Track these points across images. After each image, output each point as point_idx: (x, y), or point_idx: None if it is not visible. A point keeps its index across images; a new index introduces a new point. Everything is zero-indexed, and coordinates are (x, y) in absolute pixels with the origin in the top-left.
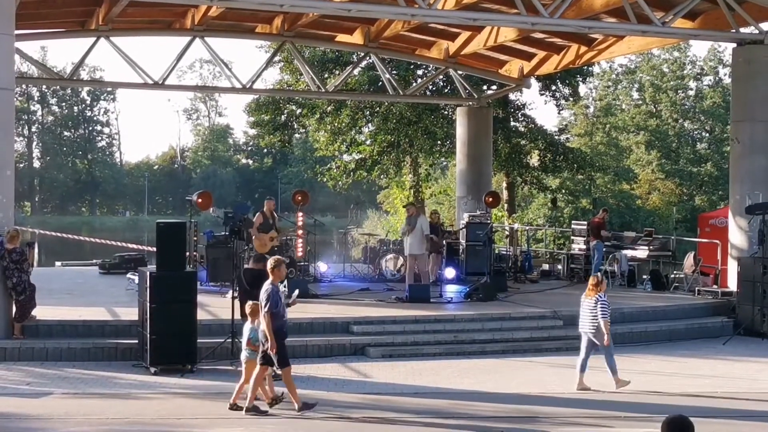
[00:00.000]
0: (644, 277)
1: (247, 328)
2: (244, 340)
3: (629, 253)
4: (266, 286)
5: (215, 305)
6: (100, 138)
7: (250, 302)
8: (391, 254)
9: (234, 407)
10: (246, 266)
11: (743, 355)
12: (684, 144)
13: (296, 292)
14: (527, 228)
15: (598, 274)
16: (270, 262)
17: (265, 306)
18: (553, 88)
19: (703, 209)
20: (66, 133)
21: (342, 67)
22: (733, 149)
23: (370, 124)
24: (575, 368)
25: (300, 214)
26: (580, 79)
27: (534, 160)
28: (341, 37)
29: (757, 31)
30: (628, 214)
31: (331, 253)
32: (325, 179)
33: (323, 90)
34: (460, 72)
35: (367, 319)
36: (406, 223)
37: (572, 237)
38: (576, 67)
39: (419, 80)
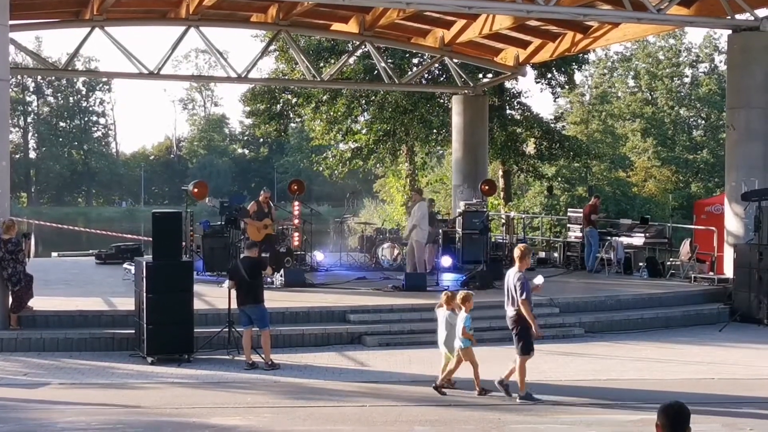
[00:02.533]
0: (640, 264)
1: (462, 317)
2: (458, 329)
3: (625, 240)
4: (516, 274)
5: (212, 295)
6: (95, 128)
7: (462, 291)
8: (388, 243)
9: (442, 389)
10: (243, 255)
11: (740, 342)
12: (680, 131)
13: (539, 278)
14: (523, 216)
15: None
16: (517, 251)
17: (522, 294)
18: (549, 76)
19: (699, 196)
20: (62, 124)
21: (337, 56)
22: (728, 136)
23: (365, 113)
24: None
25: (296, 203)
26: (576, 66)
27: (530, 148)
28: (336, 26)
29: (752, 18)
30: (624, 202)
31: (327, 242)
32: (321, 168)
33: (319, 79)
34: (455, 60)
35: (363, 308)
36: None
37: (568, 225)
38: (571, 54)
39: (415, 69)
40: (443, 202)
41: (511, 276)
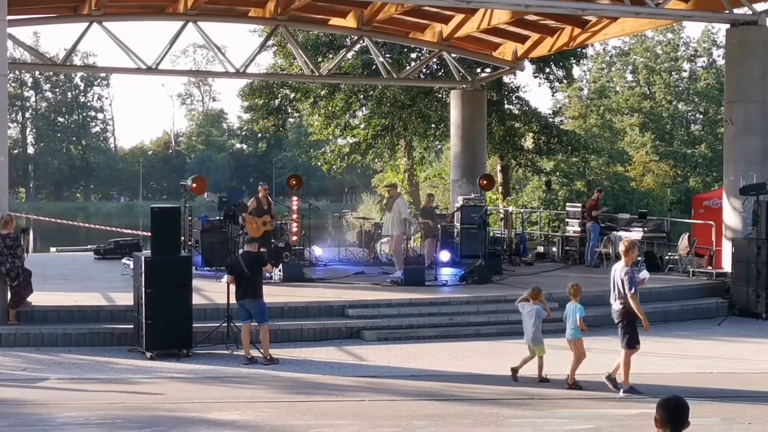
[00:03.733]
0: (639, 258)
1: (576, 308)
2: (569, 320)
3: (624, 234)
4: (624, 268)
5: (210, 290)
6: (94, 124)
7: (573, 284)
8: (386, 238)
9: (574, 386)
10: (243, 250)
11: (738, 336)
12: (678, 126)
13: (645, 272)
14: (522, 210)
15: None
16: (623, 246)
17: (630, 289)
18: (547, 70)
19: (698, 190)
20: (60, 119)
21: (335, 50)
22: (726, 130)
23: (364, 108)
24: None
25: (294, 198)
26: (574, 61)
27: (528, 142)
28: (334, 21)
29: (750, 12)
30: (623, 196)
31: (325, 237)
32: (319, 163)
33: (317, 74)
34: (453, 55)
35: (362, 303)
36: (385, 203)
37: (567, 219)
38: (570, 49)
39: (413, 63)
40: (441, 196)
41: (618, 270)
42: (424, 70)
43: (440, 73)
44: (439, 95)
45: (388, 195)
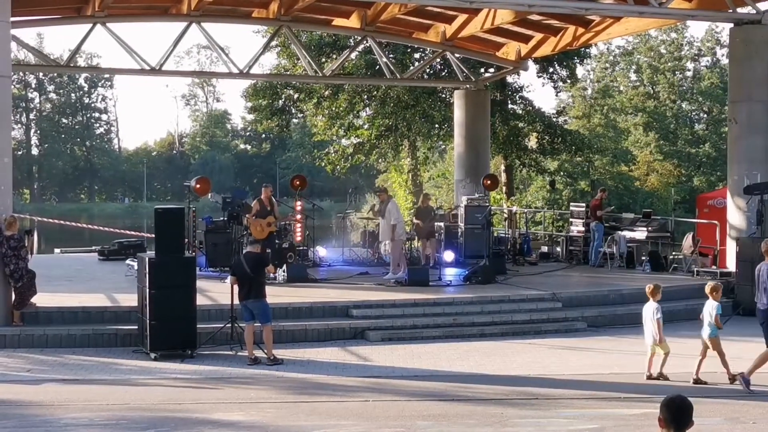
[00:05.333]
0: (643, 258)
1: (714, 306)
2: (707, 317)
3: (628, 234)
4: None
5: (214, 290)
6: (98, 125)
7: (711, 282)
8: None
9: (698, 381)
10: (246, 250)
11: (742, 336)
12: (682, 125)
13: None
14: (526, 210)
15: None
16: (764, 245)
17: None
18: (551, 70)
19: (702, 190)
20: (64, 120)
21: (339, 51)
22: (730, 130)
23: (367, 108)
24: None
25: (298, 199)
26: (578, 61)
27: (532, 142)
28: (338, 21)
29: (754, 11)
30: (627, 196)
31: (329, 237)
32: (323, 164)
33: (320, 74)
34: (457, 55)
35: (366, 303)
36: (377, 210)
37: (571, 219)
38: (573, 48)
39: (416, 64)
40: (445, 196)
41: (763, 271)
42: (427, 71)
43: (444, 74)
44: (443, 95)
45: (380, 200)
